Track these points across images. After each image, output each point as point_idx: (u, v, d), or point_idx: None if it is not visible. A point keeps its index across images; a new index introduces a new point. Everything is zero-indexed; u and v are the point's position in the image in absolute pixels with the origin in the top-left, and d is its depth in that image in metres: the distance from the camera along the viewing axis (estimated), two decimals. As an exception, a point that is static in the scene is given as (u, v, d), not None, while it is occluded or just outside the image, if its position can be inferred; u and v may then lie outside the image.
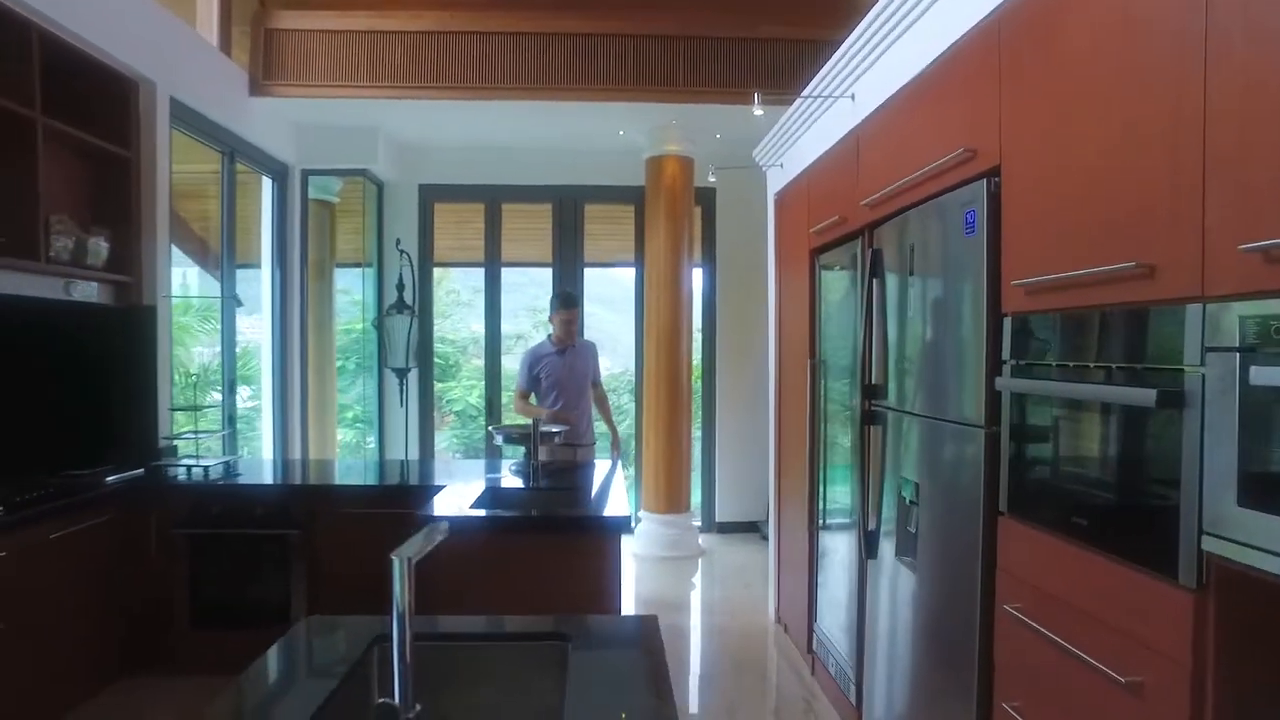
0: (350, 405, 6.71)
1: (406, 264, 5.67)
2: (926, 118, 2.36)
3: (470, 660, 1.66)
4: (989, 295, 1.99)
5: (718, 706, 3.38)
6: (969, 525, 2.07)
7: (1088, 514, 1.62)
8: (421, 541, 1.23)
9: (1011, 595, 1.87)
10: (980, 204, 2.01)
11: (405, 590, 1.14)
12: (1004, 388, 1.89)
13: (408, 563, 1.15)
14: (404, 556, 1.15)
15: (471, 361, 7.84)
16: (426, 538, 1.26)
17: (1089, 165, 1.61)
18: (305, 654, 1.68)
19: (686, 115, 5.32)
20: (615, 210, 6.36)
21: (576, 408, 4.42)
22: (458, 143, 5.99)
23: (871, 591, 2.82)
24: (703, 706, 3.39)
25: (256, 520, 3.54)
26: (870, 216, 2.82)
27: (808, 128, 3.63)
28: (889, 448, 2.67)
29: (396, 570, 1.14)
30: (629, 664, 1.57)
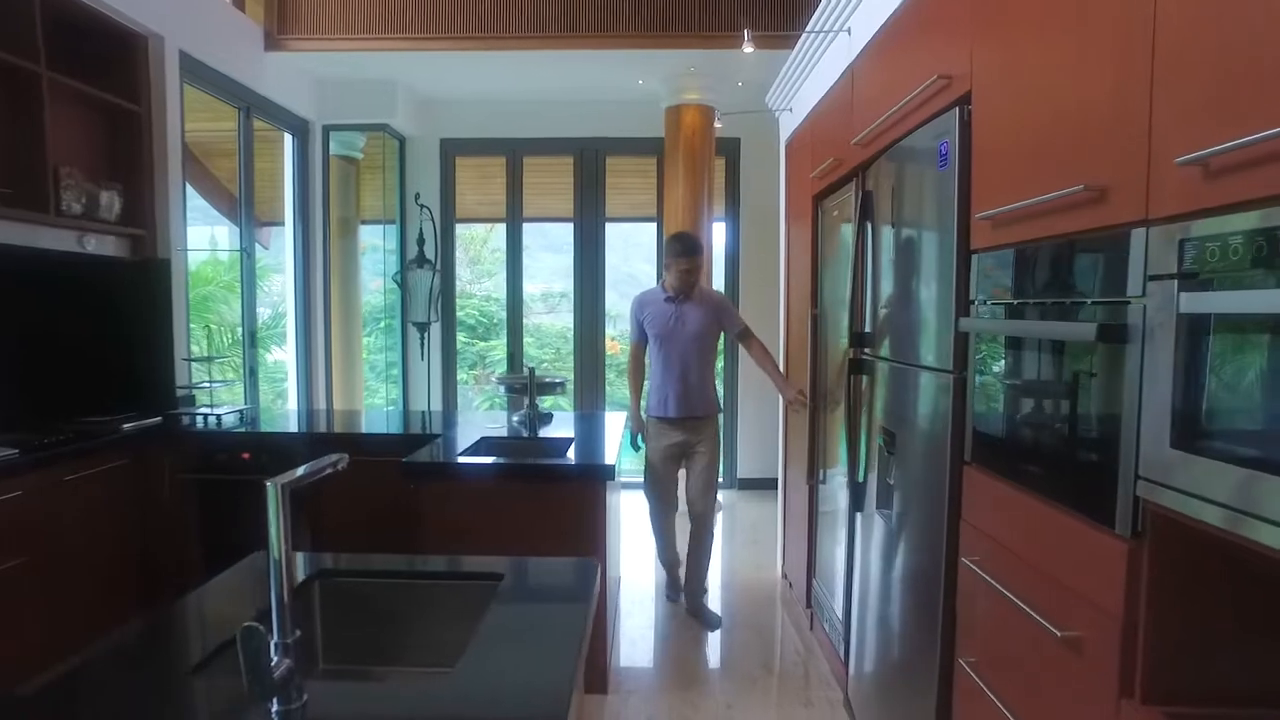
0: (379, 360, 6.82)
1: (427, 218, 5.69)
2: (909, 46, 2.21)
3: (398, 597, 1.67)
4: (959, 232, 1.87)
5: (712, 657, 3.37)
6: (937, 475, 1.98)
7: (1035, 460, 1.52)
8: (303, 471, 1.21)
9: (971, 548, 1.78)
10: (953, 134, 1.88)
11: (280, 518, 1.13)
12: (968, 328, 1.78)
13: (281, 489, 1.13)
14: (278, 484, 1.14)
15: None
16: (311, 468, 1.24)
17: (1048, 84, 1.48)
18: (241, 586, 1.71)
19: (706, 61, 5.16)
20: (637, 163, 6.24)
21: (687, 371, 3.66)
22: (477, 95, 5.94)
23: (860, 545, 2.75)
24: (700, 661, 3.38)
25: (265, 467, 3.63)
26: (861, 156, 2.68)
27: (811, 68, 3.47)
28: (873, 397, 2.57)
29: (270, 496, 1.13)
30: (548, 609, 1.55)
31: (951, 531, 1.91)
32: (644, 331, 3.74)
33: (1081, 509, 1.35)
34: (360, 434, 3.86)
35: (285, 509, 1.15)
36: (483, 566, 1.74)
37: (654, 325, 3.70)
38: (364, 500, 3.55)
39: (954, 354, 1.89)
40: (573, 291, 6.33)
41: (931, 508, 2.02)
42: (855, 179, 2.81)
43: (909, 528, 2.19)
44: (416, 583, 1.70)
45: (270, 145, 5.43)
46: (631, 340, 3.83)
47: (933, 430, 2.02)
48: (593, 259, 6.25)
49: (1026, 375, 1.59)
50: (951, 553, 1.90)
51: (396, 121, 5.73)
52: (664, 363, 3.71)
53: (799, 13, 4.77)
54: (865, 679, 2.65)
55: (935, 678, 1.96)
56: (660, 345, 3.70)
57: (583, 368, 6.28)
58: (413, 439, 3.61)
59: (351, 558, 1.82)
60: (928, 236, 2.07)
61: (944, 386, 1.94)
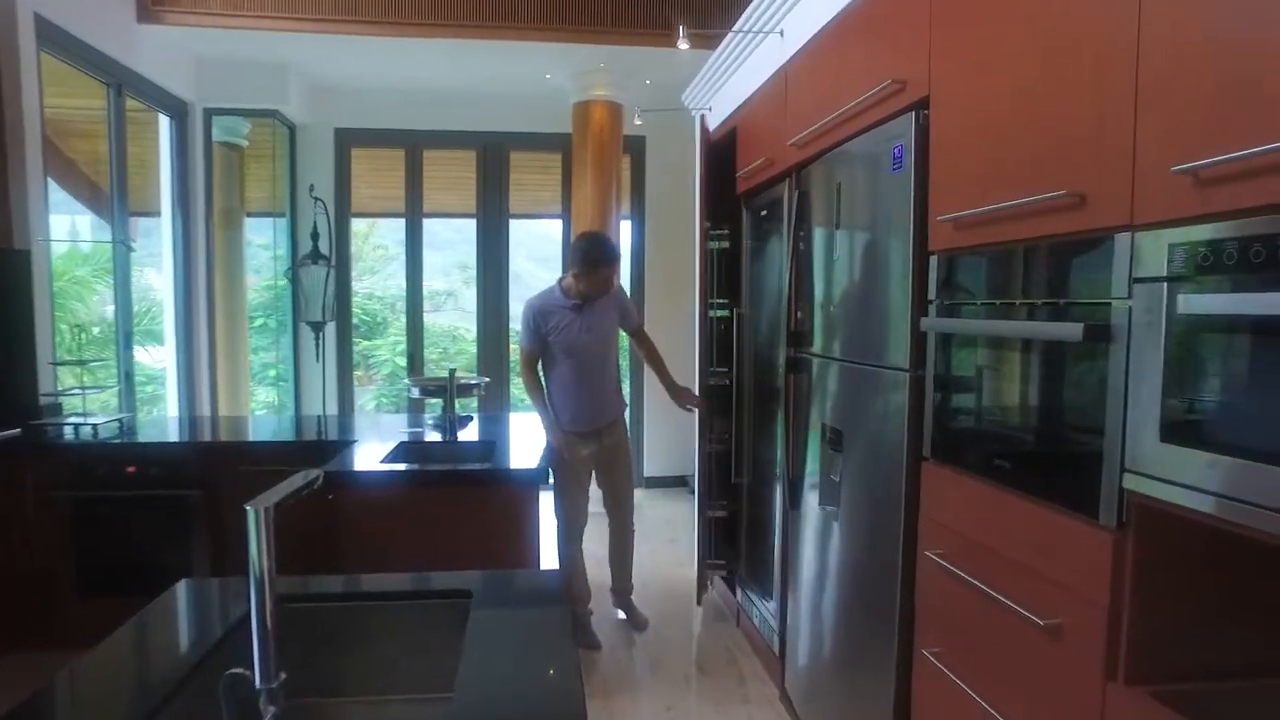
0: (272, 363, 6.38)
1: (321, 212, 5.37)
2: (855, 50, 2.26)
3: (364, 621, 1.54)
4: (915, 233, 1.91)
5: (642, 660, 3.34)
6: (892, 471, 2.02)
7: (1010, 456, 1.58)
8: (286, 490, 1.08)
9: (933, 541, 1.83)
10: (908, 138, 1.92)
11: (264, 545, 1.00)
12: (929, 328, 1.83)
13: (265, 513, 1.00)
14: (261, 507, 1.00)
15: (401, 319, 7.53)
16: (291, 486, 1.11)
17: (1018, 92, 1.53)
18: (177, 619, 1.52)
19: (615, 58, 5.12)
20: (542, 159, 6.13)
21: (599, 380, 3.35)
22: (376, 84, 5.65)
23: (794, 541, 2.79)
24: (627, 660, 3.34)
25: (152, 480, 3.30)
26: (797, 157, 2.72)
27: (736, 67, 3.50)
28: (813, 396, 2.61)
29: (252, 522, 0.99)
30: (530, 621, 1.46)
31: (909, 525, 1.95)
32: (542, 340, 3.32)
33: (1061, 502, 1.41)
34: (265, 442, 3.59)
35: (269, 535, 1.02)
36: (449, 583, 1.63)
37: (559, 337, 3.28)
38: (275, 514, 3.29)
39: (910, 353, 1.94)
40: (475, 290, 6.14)
41: (885, 503, 2.06)
42: (788, 179, 2.85)
43: (859, 523, 2.24)
44: (383, 604, 1.57)
45: (141, 128, 4.95)
46: (526, 349, 3.35)
47: (886, 427, 2.07)
48: (496, 257, 6.09)
49: (998, 374, 1.65)
50: (909, 546, 1.95)
51: (288, 108, 5.37)
52: (573, 375, 3.33)
53: (715, 12, 4.81)
54: (805, 672, 2.69)
55: (893, 667, 2.00)
56: (567, 357, 3.31)
57: (487, 369, 6.10)
58: (321, 446, 3.39)
59: (298, 580, 1.66)
60: (879, 238, 2.12)
61: (899, 384, 1.98)
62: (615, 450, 3.49)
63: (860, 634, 2.23)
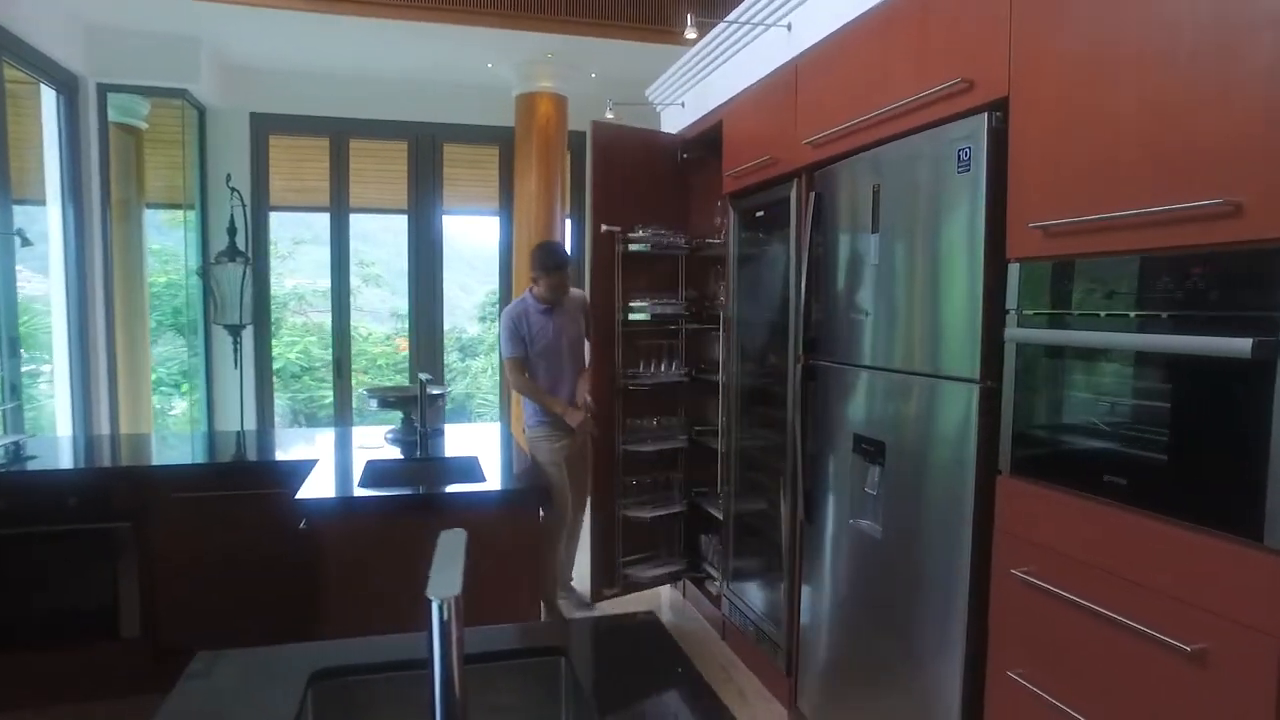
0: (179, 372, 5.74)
1: (238, 204, 4.87)
2: (903, 45, 2.16)
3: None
4: (989, 240, 1.84)
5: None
6: (954, 486, 1.95)
7: (1129, 474, 1.51)
8: (456, 562, 0.85)
9: (1018, 559, 1.76)
10: (979, 140, 1.85)
11: (454, 644, 0.77)
12: (1015, 339, 1.75)
13: (455, 605, 0.77)
14: (446, 596, 0.77)
15: (292, 318, 6.98)
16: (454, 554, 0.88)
17: (1146, 98, 1.46)
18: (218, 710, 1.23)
19: (564, 49, 4.90)
20: (477, 152, 5.82)
21: (571, 383, 3.64)
22: (299, 66, 5.19)
23: (810, 555, 2.70)
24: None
25: (68, 514, 2.84)
26: (811, 157, 2.62)
27: (722, 62, 3.37)
28: (836, 404, 2.52)
29: (437, 617, 0.76)
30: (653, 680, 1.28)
31: (980, 542, 1.88)
32: (525, 345, 3.57)
33: (1210, 523, 1.35)
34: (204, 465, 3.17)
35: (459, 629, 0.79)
36: (531, 640, 1.41)
37: (536, 340, 3.57)
38: (222, 546, 2.91)
39: (981, 363, 1.87)
40: (407, 287, 5.76)
41: (946, 518, 1.98)
42: (797, 179, 2.74)
43: (908, 538, 2.16)
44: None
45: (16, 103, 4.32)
46: (514, 355, 3.59)
47: (946, 440, 1.99)
48: (429, 254, 5.74)
49: (1111, 389, 1.58)
50: (980, 562, 1.88)
51: (199, 88, 4.84)
52: (548, 375, 3.62)
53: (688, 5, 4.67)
54: (826, 690, 2.60)
55: (958, 687, 1.93)
56: (542, 358, 3.60)
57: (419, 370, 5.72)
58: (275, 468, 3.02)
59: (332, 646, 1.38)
60: (935, 243, 2.04)
61: (966, 396, 1.91)
62: (583, 447, 3.68)
63: (911, 651, 2.15)
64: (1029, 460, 1.76)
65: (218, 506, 2.94)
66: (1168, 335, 1.41)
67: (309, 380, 6.42)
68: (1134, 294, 1.50)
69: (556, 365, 3.61)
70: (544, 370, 3.61)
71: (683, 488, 3.94)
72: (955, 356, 1.96)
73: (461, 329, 6.80)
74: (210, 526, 2.91)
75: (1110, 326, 1.54)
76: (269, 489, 2.97)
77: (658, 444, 3.87)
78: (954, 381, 1.96)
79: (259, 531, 2.91)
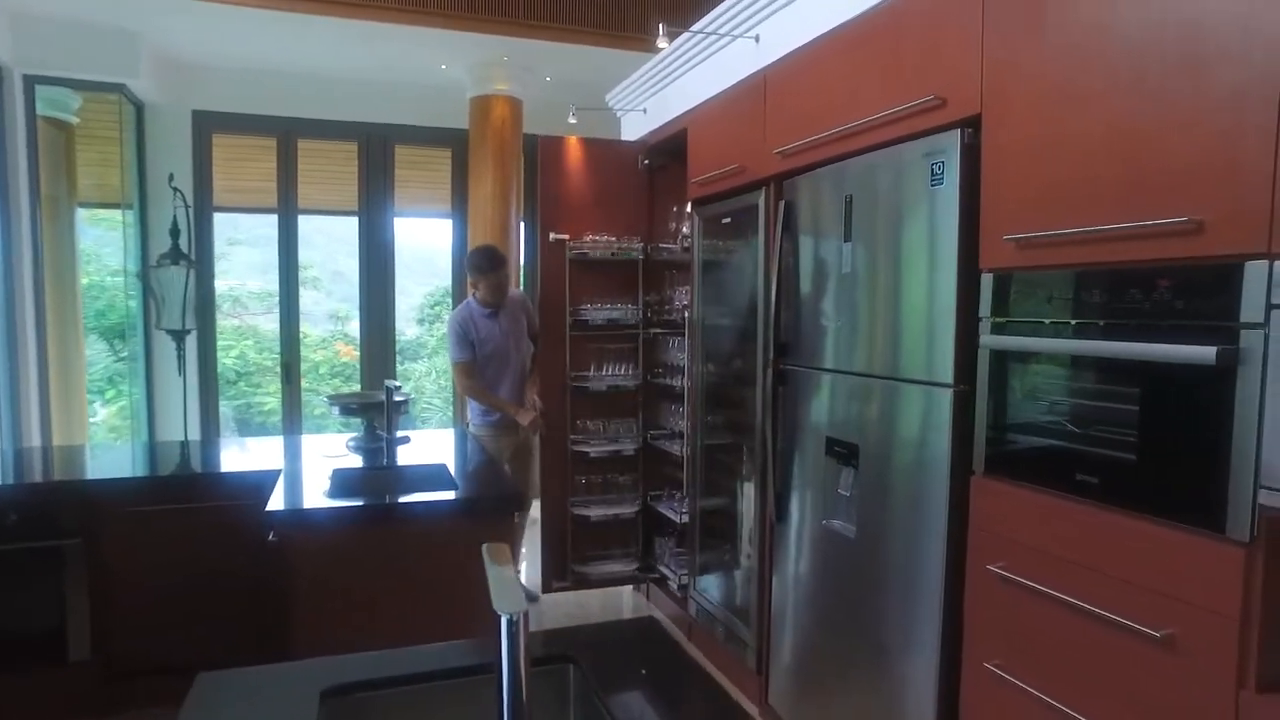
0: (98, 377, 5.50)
1: (181, 205, 4.69)
2: (875, 62, 2.24)
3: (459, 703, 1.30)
4: (962, 250, 1.93)
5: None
6: (929, 486, 2.03)
7: (1100, 473, 1.61)
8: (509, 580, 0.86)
9: (993, 554, 1.85)
10: (952, 155, 1.94)
11: (522, 657, 0.78)
12: (990, 346, 1.84)
13: (523, 621, 0.78)
14: (515, 611, 0.78)
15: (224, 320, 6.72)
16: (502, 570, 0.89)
17: (1114, 119, 1.56)
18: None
19: (519, 51, 4.88)
20: (429, 154, 5.74)
21: (518, 379, 3.80)
22: (245, 63, 5.03)
23: (779, 554, 2.77)
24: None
25: (7, 532, 2.71)
26: (781, 166, 2.69)
27: (686, 70, 3.42)
28: (807, 408, 2.59)
29: (506, 632, 0.77)
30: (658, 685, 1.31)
31: (954, 539, 1.97)
32: (473, 349, 3.69)
33: (1176, 518, 1.45)
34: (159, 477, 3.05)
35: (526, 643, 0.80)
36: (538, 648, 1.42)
37: (485, 344, 3.70)
38: (177, 566, 2.82)
39: (955, 368, 1.95)
40: (358, 292, 5.65)
41: (920, 517, 2.07)
42: (766, 188, 2.81)
43: (882, 537, 2.24)
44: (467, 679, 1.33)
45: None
46: (464, 359, 3.71)
47: (920, 442, 2.07)
48: (380, 257, 5.63)
49: (1081, 392, 1.68)
50: (955, 559, 1.97)
51: (137, 83, 4.64)
52: (496, 376, 3.76)
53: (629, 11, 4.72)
54: (799, 687, 2.67)
55: (934, 680, 2.01)
56: (490, 360, 3.73)
57: (372, 377, 5.63)
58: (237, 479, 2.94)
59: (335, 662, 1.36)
60: (909, 253, 2.12)
61: (939, 400, 1.99)
62: (527, 443, 3.86)
63: (885, 645, 2.23)
64: (1002, 460, 1.85)
65: (175, 520, 2.84)
66: (1136, 343, 1.51)
67: (245, 386, 6.23)
68: (1104, 304, 1.60)
69: (503, 366, 3.75)
70: (493, 371, 3.74)
71: (638, 490, 3.99)
72: (928, 362, 2.04)
73: (399, 331, 6.69)
74: (167, 541, 2.82)
75: (1081, 334, 1.64)
76: (230, 500, 2.89)
77: (612, 446, 3.93)
78: (927, 386, 2.04)
79: (220, 546, 2.83)
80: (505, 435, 3.76)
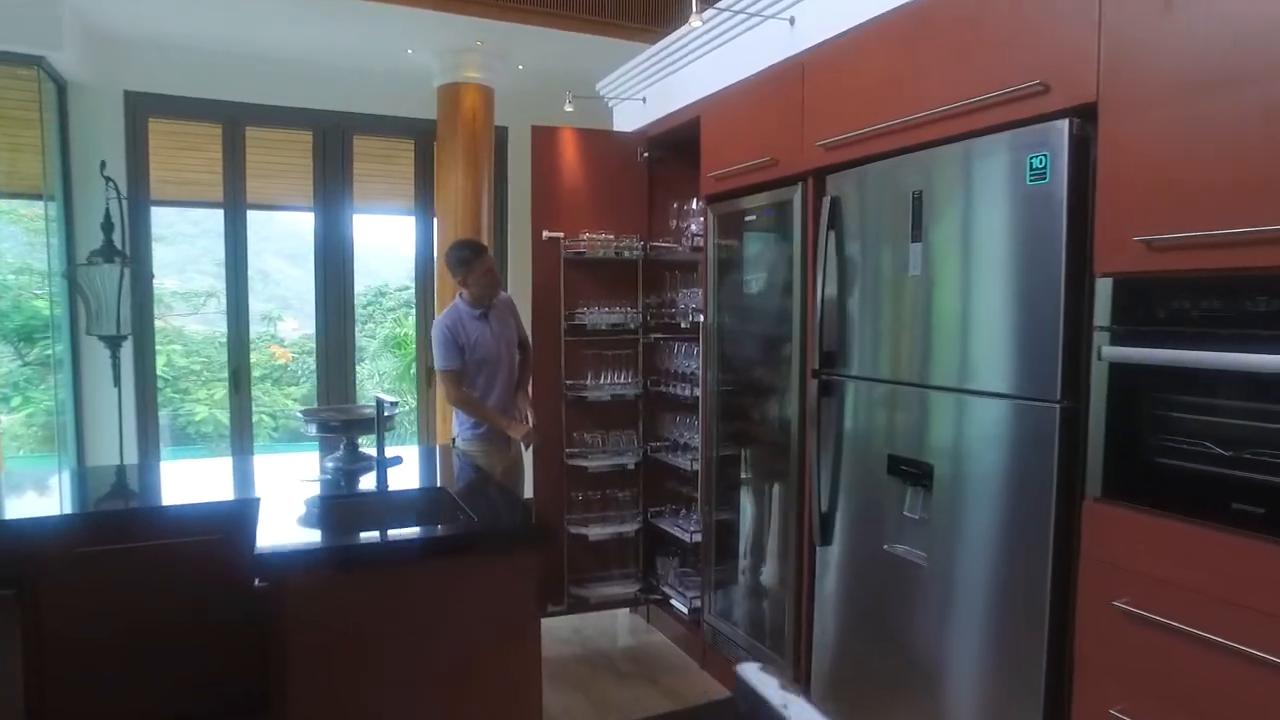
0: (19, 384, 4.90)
1: (114, 196, 4.19)
2: (946, 44, 2.04)
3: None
4: (1071, 253, 1.75)
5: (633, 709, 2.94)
6: (1031, 511, 1.85)
7: (1262, 501, 1.44)
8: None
9: (1115, 588, 1.67)
10: (1058, 148, 1.75)
11: None
12: (1111, 358, 1.66)
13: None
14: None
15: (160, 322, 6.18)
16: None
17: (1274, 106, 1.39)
18: None
19: (494, 37, 4.55)
20: (389, 146, 5.34)
21: (509, 386, 3.41)
22: (187, 40, 4.54)
23: (823, 579, 2.56)
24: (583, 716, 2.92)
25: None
26: (824, 159, 2.48)
27: (698, 56, 3.19)
28: (854, 422, 2.39)
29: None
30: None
31: (1061, 570, 1.79)
32: (462, 356, 3.29)
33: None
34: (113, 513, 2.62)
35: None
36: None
37: (476, 349, 3.31)
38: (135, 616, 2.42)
39: (1062, 382, 1.77)
40: (313, 292, 5.21)
41: (1017, 544, 1.89)
42: (804, 182, 2.60)
43: (963, 564, 2.04)
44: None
45: None
46: (451, 368, 3.30)
47: (1019, 463, 1.89)
48: (337, 256, 5.21)
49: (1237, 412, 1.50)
50: (1060, 590, 1.79)
51: (59, 57, 4.12)
52: (487, 385, 3.37)
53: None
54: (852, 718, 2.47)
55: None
56: (482, 367, 3.34)
57: (330, 384, 5.21)
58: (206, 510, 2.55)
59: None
60: (999, 255, 1.93)
61: (1042, 417, 1.81)
62: (518, 459, 3.51)
63: (976, 685, 2.04)
64: (1125, 484, 1.67)
65: (130, 561, 2.43)
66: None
67: (171, 393, 5.71)
68: (1266, 313, 1.43)
69: (494, 373, 3.37)
70: (483, 380, 3.36)
71: (638, 507, 3.75)
72: (1026, 375, 1.86)
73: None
74: (121, 588, 2.40)
75: (1233, 345, 1.46)
76: (197, 536, 2.50)
77: (609, 460, 3.67)
78: (1025, 401, 1.86)
79: (188, 590, 2.44)
80: (496, 450, 3.40)
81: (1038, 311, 1.82)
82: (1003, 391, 1.92)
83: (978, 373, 2.00)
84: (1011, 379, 1.90)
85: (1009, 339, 1.91)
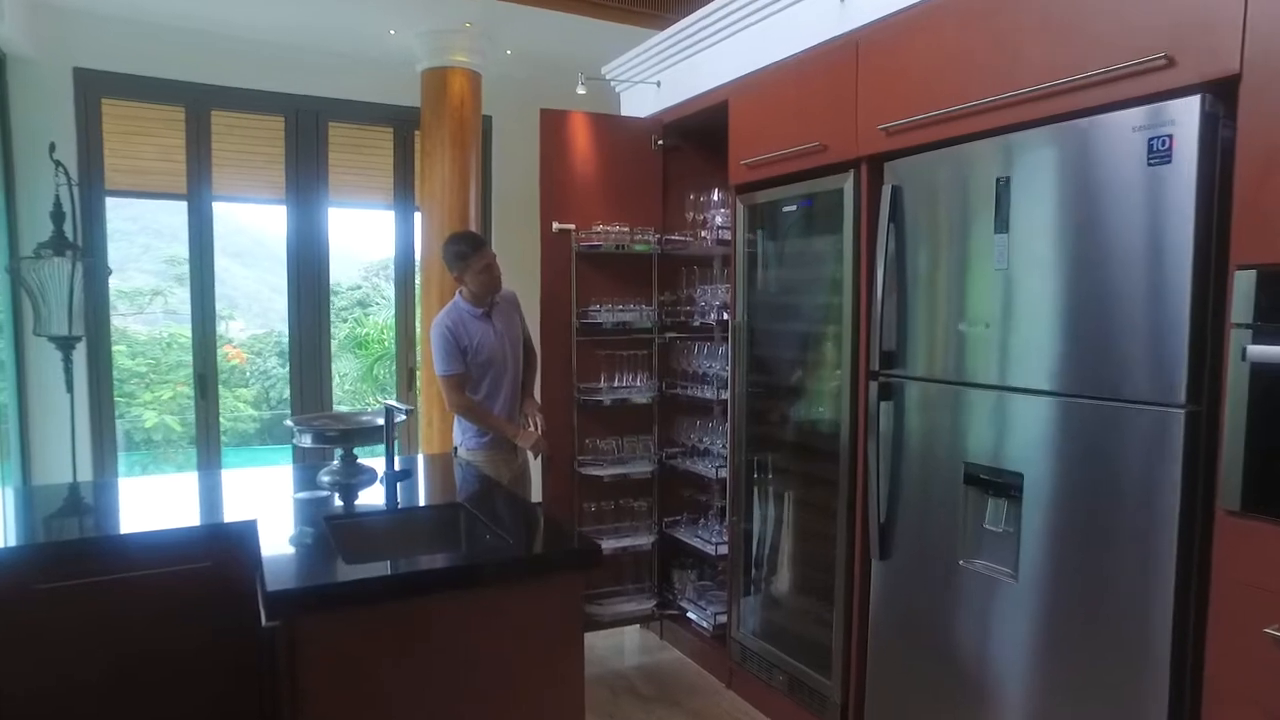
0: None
1: (65, 183, 3.81)
2: (1042, 16, 1.88)
3: None
4: (1200, 243, 1.59)
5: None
6: (1148, 524, 1.69)
7: None
8: None
9: (1260, 611, 1.52)
10: (1187, 128, 1.59)
11: None
12: (1259, 358, 1.50)
13: None
14: None
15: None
16: None
17: None
18: None
19: (484, 18, 4.28)
20: (366, 134, 5.01)
21: (516, 389, 3.16)
22: (144, 13, 4.15)
23: (882, 597, 2.38)
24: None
25: None
26: (883, 145, 2.30)
27: (726, 36, 2.98)
28: (922, 428, 2.22)
29: None
30: None
31: (1184, 588, 1.64)
32: (464, 360, 3.02)
33: None
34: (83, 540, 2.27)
35: None
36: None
37: (479, 350, 3.04)
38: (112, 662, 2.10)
39: (1189, 385, 1.62)
40: (286, 289, 4.85)
41: (1131, 561, 1.73)
42: (856, 169, 2.42)
43: (1062, 582, 1.88)
44: None
45: None
46: (452, 372, 3.02)
47: (1134, 472, 1.72)
48: (312, 251, 4.86)
49: None
50: (1182, 615, 1.64)
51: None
52: (493, 389, 3.10)
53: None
54: (914, 752, 2.29)
55: (1156, 761, 1.68)
56: (486, 370, 3.07)
57: (304, 386, 4.86)
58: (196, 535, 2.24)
59: None
60: (1111, 245, 1.76)
61: (1165, 422, 1.65)
62: (525, 467, 3.24)
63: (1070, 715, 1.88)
64: (1270, 497, 1.52)
65: (101, 597, 2.10)
66: None
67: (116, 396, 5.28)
68: None
69: (500, 376, 3.10)
70: (487, 384, 3.08)
71: (653, 517, 3.53)
72: (1145, 377, 1.70)
73: (280, 333, 5.85)
74: (95, 627, 2.09)
75: None
76: (184, 565, 2.19)
77: (623, 468, 3.45)
78: (1143, 406, 1.70)
79: (172, 629, 2.14)
80: (503, 459, 3.13)
81: (1158, 307, 1.67)
82: (1114, 396, 1.76)
83: (1081, 374, 1.83)
84: (1125, 382, 1.74)
85: (1120, 337, 1.75)
